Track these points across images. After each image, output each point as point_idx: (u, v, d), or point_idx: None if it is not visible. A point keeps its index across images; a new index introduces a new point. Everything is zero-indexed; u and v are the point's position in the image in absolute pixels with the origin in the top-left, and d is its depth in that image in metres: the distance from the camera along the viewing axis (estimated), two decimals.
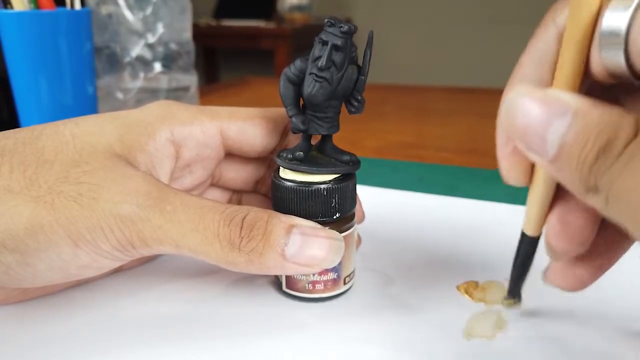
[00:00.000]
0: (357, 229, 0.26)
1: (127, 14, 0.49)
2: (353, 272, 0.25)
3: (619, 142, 0.13)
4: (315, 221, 0.22)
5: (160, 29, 0.50)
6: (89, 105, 0.45)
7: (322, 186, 0.22)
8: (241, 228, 0.20)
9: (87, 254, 0.20)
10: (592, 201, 0.15)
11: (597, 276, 0.20)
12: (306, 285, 0.24)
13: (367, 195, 0.32)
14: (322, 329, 0.22)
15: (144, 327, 0.22)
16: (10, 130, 0.22)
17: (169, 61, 0.51)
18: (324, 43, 0.21)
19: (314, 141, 0.24)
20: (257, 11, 2.12)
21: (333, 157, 0.24)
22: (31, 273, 0.20)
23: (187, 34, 0.53)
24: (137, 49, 0.50)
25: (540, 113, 0.14)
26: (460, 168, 0.45)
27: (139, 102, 0.51)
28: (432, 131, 0.61)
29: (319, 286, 0.24)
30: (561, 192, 0.18)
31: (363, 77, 0.22)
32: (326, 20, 0.21)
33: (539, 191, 0.19)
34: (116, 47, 0.49)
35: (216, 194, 0.29)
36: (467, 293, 0.25)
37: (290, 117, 0.23)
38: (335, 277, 0.24)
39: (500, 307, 0.24)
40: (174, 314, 0.23)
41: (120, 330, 0.22)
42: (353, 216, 0.24)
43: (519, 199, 0.36)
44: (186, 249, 0.20)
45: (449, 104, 0.74)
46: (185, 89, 0.54)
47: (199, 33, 0.92)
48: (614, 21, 0.15)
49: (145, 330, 0.22)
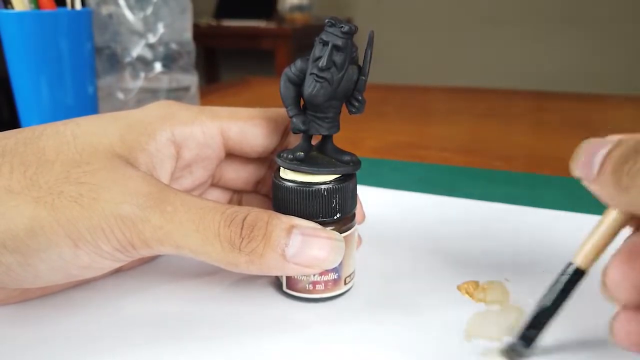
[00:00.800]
0: (358, 229, 0.26)
1: (128, 14, 0.49)
2: (353, 272, 0.25)
3: None
4: (316, 221, 0.22)
5: (161, 29, 0.50)
6: (89, 106, 0.45)
7: (323, 186, 0.22)
8: (242, 229, 0.20)
9: (88, 254, 0.20)
10: (626, 200, 0.17)
11: None
12: (307, 286, 0.24)
13: (368, 196, 0.32)
14: (322, 329, 0.22)
15: (144, 327, 0.22)
16: (11, 131, 0.22)
17: (169, 61, 0.51)
18: (325, 43, 0.21)
19: (314, 141, 0.24)
20: (258, 11, 2.12)
21: (333, 157, 0.24)
22: (32, 273, 0.20)
23: (188, 34, 0.53)
24: (138, 49, 0.50)
25: (591, 146, 0.18)
26: (461, 168, 0.45)
27: (139, 102, 0.51)
28: (432, 131, 0.61)
29: (319, 286, 0.24)
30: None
31: (364, 78, 0.22)
32: (327, 21, 0.21)
33: (601, 231, 0.18)
34: (117, 47, 0.49)
35: (217, 194, 0.29)
36: (467, 293, 0.25)
37: (291, 117, 0.23)
38: (335, 277, 0.24)
39: (502, 308, 0.24)
40: (174, 314, 0.23)
41: (121, 330, 0.22)
42: (353, 216, 0.24)
43: (519, 199, 0.36)
44: (187, 250, 0.20)
45: (450, 104, 0.74)
46: (186, 89, 0.54)
47: (199, 33, 0.92)
48: None
49: (145, 330, 0.22)
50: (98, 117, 0.23)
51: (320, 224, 0.22)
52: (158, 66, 0.51)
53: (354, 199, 0.24)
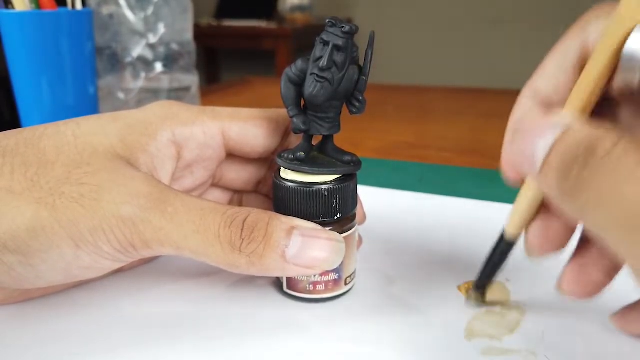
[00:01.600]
0: (358, 229, 0.26)
1: (129, 14, 0.49)
2: (354, 272, 0.25)
3: (598, 150, 0.14)
4: (316, 222, 0.22)
5: (162, 29, 0.50)
6: (90, 106, 0.45)
7: (323, 187, 0.22)
8: (242, 230, 0.20)
9: (89, 255, 0.20)
10: (570, 207, 0.16)
11: (611, 277, 0.20)
12: (307, 286, 0.24)
13: (368, 196, 0.32)
14: (323, 329, 0.22)
15: (145, 327, 0.22)
16: (12, 131, 0.22)
17: (170, 61, 0.51)
18: (325, 43, 0.21)
19: (315, 142, 0.24)
20: (258, 11, 2.12)
21: (334, 157, 0.24)
22: (33, 274, 0.20)
23: (189, 34, 0.53)
24: (139, 49, 0.50)
25: (531, 132, 0.16)
26: (461, 168, 0.45)
27: (140, 102, 0.51)
28: (433, 131, 0.61)
29: (320, 287, 0.24)
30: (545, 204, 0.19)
31: (364, 78, 0.22)
32: (327, 21, 0.21)
33: (527, 199, 0.20)
34: (117, 47, 0.49)
35: (217, 194, 0.29)
36: (468, 293, 0.25)
37: (292, 117, 0.23)
38: (336, 277, 0.24)
39: (503, 308, 0.24)
40: (174, 315, 0.23)
41: (121, 331, 0.22)
42: (354, 217, 0.24)
43: None
44: (187, 251, 0.20)
45: (450, 105, 0.74)
46: (187, 89, 0.54)
47: (200, 33, 0.92)
48: (635, 44, 0.16)
49: (145, 330, 0.22)
50: (99, 117, 0.23)
51: (321, 224, 0.22)
52: (159, 66, 0.51)
53: (354, 199, 0.24)
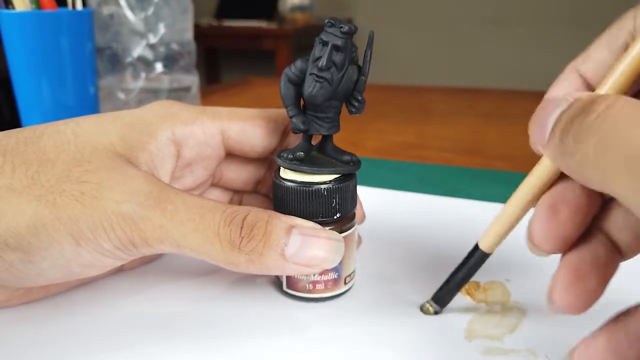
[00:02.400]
0: (358, 229, 0.26)
1: (129, 14, 0.49)
2: (353, 272, 0.25)
3: (596, 106, 0.14)
4: (316, 221, 0.22)
5: (162, 29, 0.50)
6: (90, 106, 0.46)
7: (323, 186, 0.22)
8: (241, 228, 0.20)
9: (89, 252, 0.20)
10: (570, 163, 0.15)
11: (604, 286, 0.18)
12: (307, 285, 0.24)
13: (368, 196, 0.32)
14: (322, 329, 0.22)
15: (145, 326, 0.22)
16: (12, 130, 0.22)
17: (170, 61, 0.51)
18: (325, 43, 0.21)
19: (314, 141, 0.24)
20: (259, 11, 2.12)
21: (333, 157, 0.24)
22: (34, 271, 0.20)
23: (189, 34, 0.53)
24: (139, 49, 0.50)
25: (547, 105, 0.16)
26: (461, 168, 0.45)
27: (140, 102, 0.51)
28: (433, 132, 0.61)
29: (319, 286, 0.24)
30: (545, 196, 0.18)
31: (363, 78, 0.22)
32: (326, 21, 0.21)
33: (512, 210, 0.19)
34: (118, 47, 0.50)
35: (217, 194, 0.29)
36: (468, 294, 0.25)
37: (291, 117, 0.23)
38: (335, 277, 0.24)
39: (503, 308, 0.24)
40: (174, 314, 0.23)
41: (122, 330, 0.22)
42: (353, 216, 0.24)
43: None
44: (187, 249, 0.20)
45: (450, 105, 0.74)
46: (187, 89, 0.54)
47: (200, 33, 0.93)
48: None
49: (146, 329, 0.22)
50: (99, 116, 0.23)
51: (320, 223, 0.22)
52: (159, 66, 0.51)
53: (354, 199, 0.24)
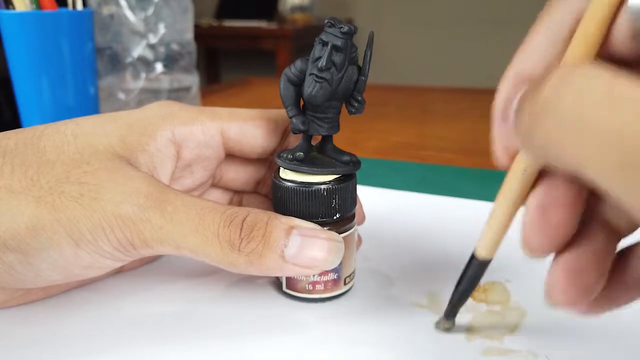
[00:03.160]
0: (358, 229, 0.26)
1: (129, 14, 0.49)
2: (353, 272, 0.25)
3: (553, 74, 0.13)
4: (316, 222, 0.22)
5: (162, 29, 0.50)
6: (90, 106, 0.46)
7: (323, 187, 0.22)
8: (241, 229, 0.20)
9: (88, 254, 0.20)
10: (534, 149, 0.14)
11: (605, 276, 0.16)
12: (306, 286, 0.24)
13: (368, 196, 0.32)
14: (322, 329, 0.22)
15: (145, 327, 0.22)
16: (12, 131, 0.22)
17: (170, 62, 0.51)
18: (324, 44, 0.21)
19: (314, 142, 0.24)
20: (259, 12, 2.12)
21: (333, 157, 0.24)
22: (33, 273, 0.20)
23: (189, 35, 0.53)
24: (139, 50, 0.50)
25: (509, 92, 0.15)
26: (462, 169, 0.44)
27: (140, 102, 0.51)
28: (433, 132, 0.61)
29: (319, 287, 0.24)
30: (539, 182, 0.17)
31: (363, 78, 0.22)
32: (326, 21, 0.21)
33: (501, 213, 0.18)
34: (118, 47, 0.50)
35: (217, 194, 0.29)
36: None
37: (291, 117, 0.23)
38: (335, 277, 0.24)
39: (503, 309, 0.24)
40: (174, 314, 0.23)
41: (121, 331, 0.22)
42: (353, 217, 0.24)
43: None
44: (187, 250, 0.20)
45: (450, 105, 0.74)
46: (187, 89, 0.54)
47: (200, 34, 0.92)
48: None
49: (146, 330, 0.22)
50: (98, 117, 0.23)
51: (320, 224, 0.22)
52: (159, 67, 0.51)
53: (353, 199, 0.24)
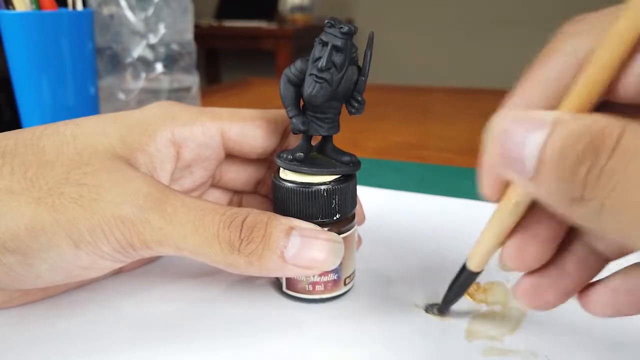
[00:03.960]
0: (358, 230, 0.26)
1: (129, 14, 0.49)
2: (353, 273, 0.25)
3: (607, 140, 0.12)
4: (316, 222, 0.22)
5: (162, 29, 0.50)
6: (90, 106, 0.46)
7: (322, 187, 0.22)
8: (241, 230, 0.20)
9: (88, 255, 0.20)
10: (579, 213, 0.13)
11: (563, 300, 0.19)
12: (306, 286, 0.24)
13: (368, 196, 0.32)
14: (322, 330, 0.22)
15: (145, 327, 0.22)
16: (11, 131, 0.22)
17: (170, 62, 0.51)
18: (324, 44, 0.21)
19: (314, 142, 0.24)
20: (259, 12, 2.12)
21: (333, 158, 0.24)
22: (32, 274, 0.20)
23: (189, 35, 0.53)
24: (139, 50, 0.50)
25: (516, 129, 0.14)
26: (462, 169, 0.44)
27: (140, 102, 0.51)
28: (433, 132, 0.61)
29: (319, 287, 0.24)
30: (520, 222, 0.18)
31: (363, 78, 0.22)
32: (326, 21, 0.21)
33: (492, 236, 0.19)
34: (118, 47, 0.50)
35: (217, 194, 0.29)
36: (468, 294, 0.25)
37: (291, 117, 0.23)
38: (335, 278, 0.24)
39: (504, 309, 0.24)
40: (174, 315, 0.23)
41: (121, 331, 0.22)
42: (353, 217, 0.24)
43: None
44: (186, 251, 0.20)
45: (451, 105, 0.74)
46: (187, 89, 0.54)
47: (200, 34, 0.92)
48: None
49: (146, 330, 0.22)
50: (98, 117, 0.23)
51: (320, 224, 0.22)
52: (159, 67, 0.51)
53: (353, 199, 0.24)
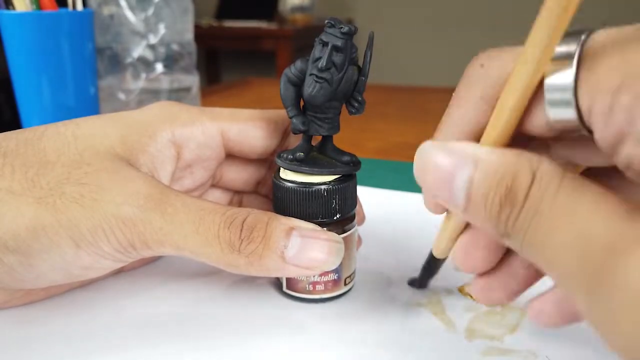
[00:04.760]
0: (358, 230, 0.26)
1: (129, 14, 0.49)
2: (353, 273, 0.25)
3: (519, 190, 0.14)
4: (316, 222, 0.22)
5: (162, 29, 0.50)
6: (90, 106, 0.46)
7: (323, 187, 0.22)
8: (241, 230, 0.20)
9: (89, 255, 0.20)
10: (509, 244, 0.15)
11: (512, 299, 0.19)
12: (307, 286, 0.24)
13: (368, 196, 0.32)
14: (322, 329, 0.22)
15: (145, 327, 0.22)
16: (12, 132, 0.22)
17: (170, 62, 0.51)
18: (324, 44, 0.21)
19: (314, 142, 0.24)
20: (259, 12, 2.12)
21: (333, 157, 0.24)
22: (34, 274, 0.20)
23: (189, 35, 0.53)
24: (139, 50, 0.50)
25: (446, 165, 0.15)
26: None
27: (140, 102, 0.51)
28: (433, 132, 0.61)
29: (319, 287, 0.24)
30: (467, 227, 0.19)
31: (363, 78, 0.22)
32: (326, 22, 0.21)
33: (450, 226, 0.20)
34: (118, 47, 0.50)
35: (217, 194, 0.29)
36: (469, 294, 0.25)
37: (291, 118, 0.23)
38: (335, 278, 0.24)
39: (504, 309, 0.24)
40: (175, 315, 0.23)
41: (122, 330, 0.22)
42: (353, 217, 0.24)
43: None
44: (187, 251, 0.20)
45: None
46: (187, 89, 0.54)
47: (200, 34, 0.92)
48: (559, 79, 0.15)
49: (146, 330, 0.22)
50: (98, 117, 0.23)
51: (320, 224, 0.22)
52: (159, 67, 0.51)
53: (353, 199, 0.24)
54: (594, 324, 0.13)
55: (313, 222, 0.22)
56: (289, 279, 0.24)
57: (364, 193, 0.28)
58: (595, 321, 0.13)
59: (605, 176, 0.18)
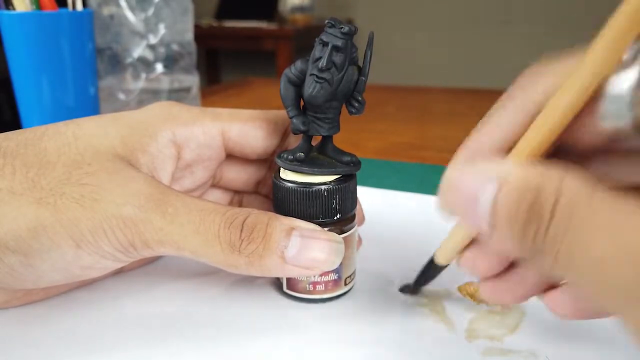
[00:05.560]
0: (358, 230, 0.26)
1: (129, 15, 0.49)
2: (354, 273, 0.25)
3: (544, 205, 0.14)
4: (316, 222, 0.22)
5: (162, 30, 0.50)
6: (90, 106, 0.46)
7: (323, 187, 0.22)
8: (241, 230, 0.20)
9: (89, 255, 0.20)
10: (536, 264, 0.15)
11: (521, 301, 0.19)
12: (307, 286, 0.24)
13: (368, 196, 0.32)
14: (322, 330, 0.22)
15: (145, 327, 0.22)
16: (12, 132, 0.22)
17: (170, 62, 0.51)
18: (325, 44, 0.21)
19: (314, 142, 0.24)
20: (259, 12, 2.12)
21: (334, 158, 0.24)
22: (34, 274, 0.20)
23: (189, 35, 0.53)
24: (139, 50, 0.50)
25: (469, 187, 0.15)
26: None
27: (140, 103, 0.51)
28: (433, 132, 0.61)
29: (319, 287, 0.24)
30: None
31: (363, 78, 0.22)
32: (327, 22, 0.21)
33: (459, 234, 0.20)
34: (118, 48, 0.50)
35: (217, 194, 0.29)
36: (468, 294, 0.25)
37: (291, 118, 0.23)
38: (336, 278, 0.24)
39: (504, 309, 0.24)
40: (175, 315, 0.23)
41: (122, 331, 0.22)
42: (354, 217, 0.24)
43: None
44: (187, 251, 0.20)
45: (451, 105, 0.74)
46: (187, 89, 0.54)
47: (200, 34, 0.92)
48: (618, 86, 0.14)
49: (146, 330, 0.22)
50: (99, 118, 0.23)
51: (320, 224, 0.22)
52: (159, 67, 0.51)
53: (354, 199, 0.24)
54: None
55: (313, 222, 0.22)
56: (289, 279, 0.24)
57: (364, 193, 0.28)
58: None
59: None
